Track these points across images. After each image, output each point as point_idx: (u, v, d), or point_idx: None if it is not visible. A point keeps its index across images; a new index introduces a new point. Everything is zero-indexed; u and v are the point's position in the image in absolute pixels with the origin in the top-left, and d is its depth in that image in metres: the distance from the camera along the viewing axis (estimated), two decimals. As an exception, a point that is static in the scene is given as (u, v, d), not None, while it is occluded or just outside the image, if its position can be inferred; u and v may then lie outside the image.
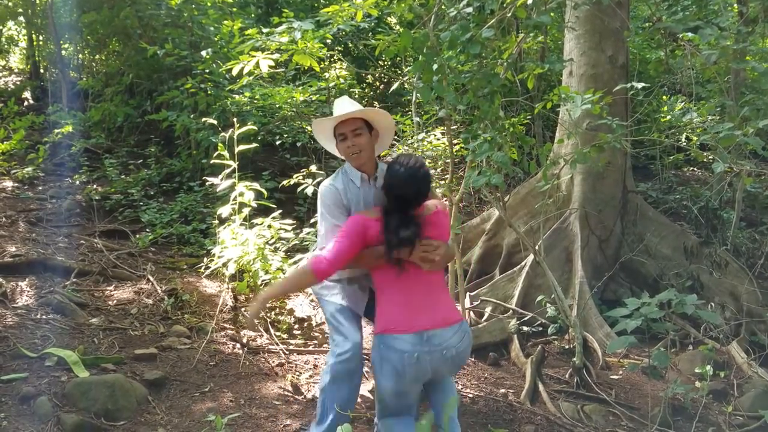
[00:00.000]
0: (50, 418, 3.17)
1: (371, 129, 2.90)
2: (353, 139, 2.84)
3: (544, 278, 5.06)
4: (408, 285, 2.67)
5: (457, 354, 2.66)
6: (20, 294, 4.55)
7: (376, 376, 2.74)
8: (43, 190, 7.22)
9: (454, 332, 2.65)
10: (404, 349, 2.60)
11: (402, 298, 2.67)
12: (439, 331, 2.62)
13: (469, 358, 2.82)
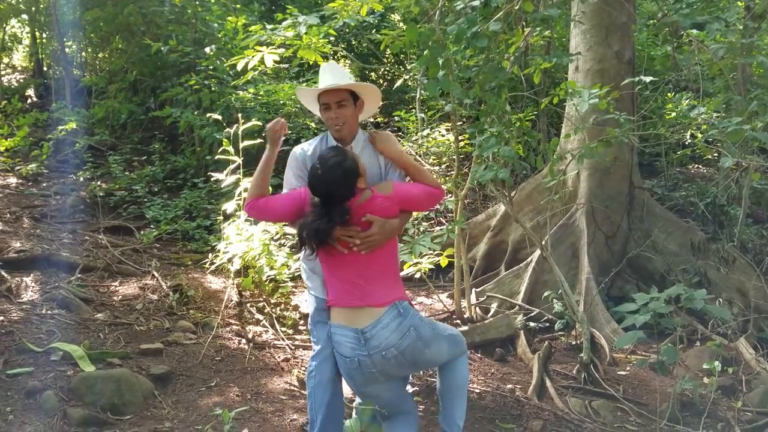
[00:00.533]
0: (56, 412, 3.16)
1: (356, 99, 2.80)
2: (337, 111, 2.75)
3: (551, 274, 5.04)
4: (342, 265, 2.65)
5: (400, 353, 2.59)
6: (25, 289, 4.54)
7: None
8: (47, 187, 7.21)
9: (391, 330, 2.58)
10: (345, 354, 2.64)
11: (336, 279, 2.68)
12: (376, 332, 2.58)
13: (426, 353, 2.68)
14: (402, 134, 7.16)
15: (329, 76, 2.80)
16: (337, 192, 2.56)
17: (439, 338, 2.75)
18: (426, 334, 2.66)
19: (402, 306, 2.64)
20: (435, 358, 2.78)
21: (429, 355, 2.71)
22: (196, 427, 3.17)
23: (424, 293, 5.59)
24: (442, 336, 2.77)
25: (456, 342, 2.85)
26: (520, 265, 5.21)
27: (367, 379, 2.67)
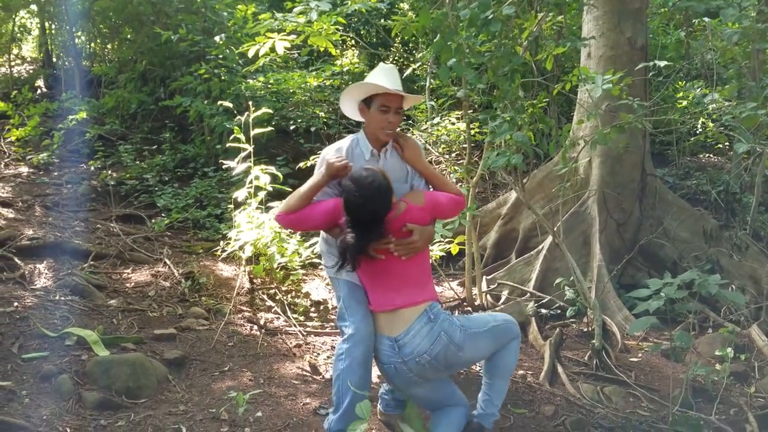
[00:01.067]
0: (72, 396, 3.18)
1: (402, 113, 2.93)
2: (395, 116, 2.83)
3: (562, 262, 5.03)
4: (381, 273, 2.81)
5: (433, 359, 2.71)
6: (38, 276, 4.57)
7: None
8: (59, 176, 7.24)
9: (422, 337, 2.71)
10: (383, 361, 2.83)
11: (377, 287, 2.84)
12: (408, 339, 2.72)
13: (460, 355, 2.75)
14: (412, 123, 7.14)
15: (393, 80, 2.83)
16: (380, 214, 2.70)
17: (476, 337, 2.81)
18: (458, 338, 2.74)
19: (433, 312, 2.76)
20: (474, 356, 2.90)
21: (465, 356, 2.81)
22: (210, 410, 3.19)
23: (434, 281, 5.59)
24: (479, 334, 2.82)
25: (501, 333, 2.89)
26: (531, 253, 5.20)
27: (408, 383, 2.83)
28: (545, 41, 4.53)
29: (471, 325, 2.82)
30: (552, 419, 3.37)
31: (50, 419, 2.97)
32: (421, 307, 2.76)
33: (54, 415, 3.02)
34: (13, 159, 7.61)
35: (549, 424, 3.33)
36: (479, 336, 2.82)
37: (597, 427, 3.32)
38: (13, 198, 6.21)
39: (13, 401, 3.06)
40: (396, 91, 2.78)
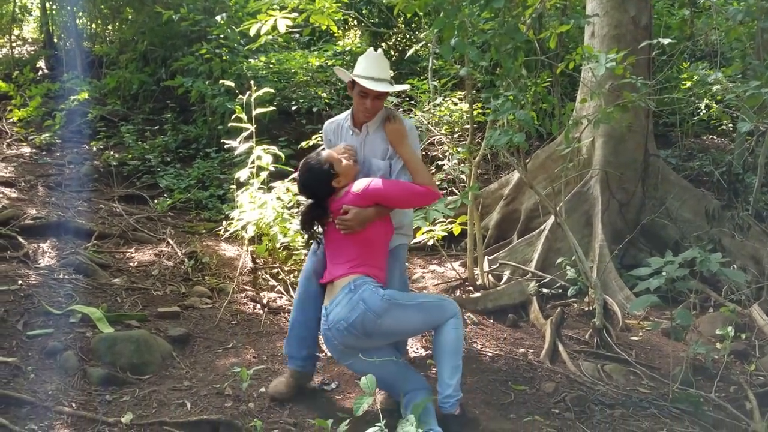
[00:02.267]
0: (77, 372, 3.21)
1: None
2: (373, 101, 3.01)
3: (564, 242, 5.04)
4: (328, 247, 3.11)
5: (350, 325, 2.84)
6: (42, 255, 4.59)
7: None
8: (61, 156, 7.24)
9: (342, 306, 2.88)
10: (321, 330, 3.06)
11: (327, 257, 3.13)
12: (332, 308, 2.92)
13: (379, 323, 2.84)
14: (414, 103, 7.11)
15: (376, 69, 3.01)
16: (316, 195, 3.06)
17: (399, 307, 2.89)
18: (377, 306, 2.83)
19: (356, 283, 2.90)
20: (397, 327, 2.93)
21: (385, 325, 2.86)
22: (215, 386, 3.22)
23: (436, 261, 5.61)
24: (403, 305, 2.91)
25: (432, 309, 2.97)
26: (533, 233, 5.21)
27: (337, 352, 3.00)
28: (549, 19, 4.50)
29: (397, 297, 2.92)
30: (552, 396, 3.39)
31: (56, 394, 3.00)
32: (349, 278, 2.92)
33: (59, 390, 3.05)
34: (16, 139, 7.61)
35: (549, 400, 3.35)
36: (403, 308, 2.91)
37: (597, 403, 3.35)
38: (16, 178, 6.22)
39: (19, 377, 3.09)
40: (368, 87, 2.94)
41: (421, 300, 3.04)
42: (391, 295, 2.91)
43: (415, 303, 2.97)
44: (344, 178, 3.03)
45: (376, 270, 3.01)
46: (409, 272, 5.29)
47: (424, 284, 5.03)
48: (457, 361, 2.97)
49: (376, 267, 3.01)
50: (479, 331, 4.24)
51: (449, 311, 2.98)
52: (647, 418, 3.25)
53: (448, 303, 3.03)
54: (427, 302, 3.02)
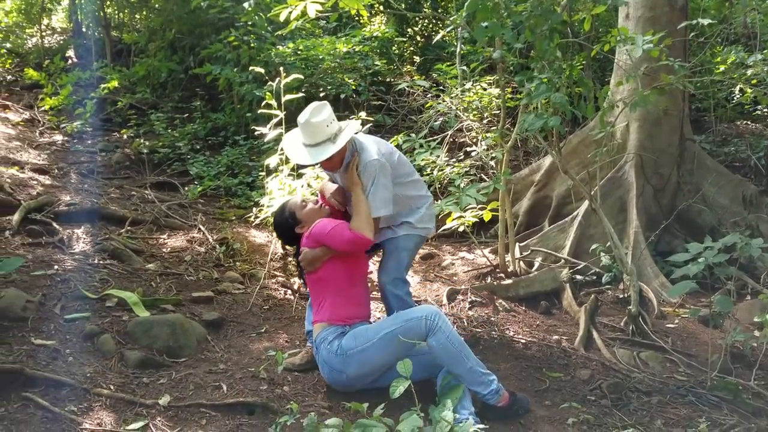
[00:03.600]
0: (114, 355, 3.25)
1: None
2: (323, 164, 3.22)
3: (597, 228, 4.97)
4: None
5: (331, 383, 3.09)
6: (77, 240, 4.65)
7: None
8: (92, 144, 7.34)
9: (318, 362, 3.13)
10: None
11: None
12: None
13: (344, 376, 3.00)
14: (442, 89, 7.04)
15: (308, 136, 3.12)
16: (285, 241, 3.38)
17: (359, 353, 2.92)
18: (334, 363, 2.97)
19: (317, 339, 3.07)
20: (371, 368, 2.97)
21: (354, 373, 2.96)
22: (249, 369, 3.24)
23: (465, 248, 5.58)
24: (364, 348, 2.93)
25: (404, 333, 2.86)
26: (566, 219, 5.14)
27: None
28: (583, 1, 4.41)
29: (351, 345, 2.96)
30: (588, 383, 3.35)
31: (94, 377, 3.05)
32: (316, 330, 3.11)
33: (97, 372, 3.09)
34: (48, 127, 7.72)
35: (584, 387, 3.31)
36: (362, 351, 2.93)
37: (633, 390, 3.30)
38: (49, 165, 6.31)
39: (58, 359, 3.14)
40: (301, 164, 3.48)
41: (384, 332, 2.92)
42: (344, 346, 2.96)
43: (377, 339, 2.92)
44: (307, 224, 3.16)
45: (343, 309, 3.10)
46: (438, 259, 5.27)
47: (454, 270, 5.01)
48: (463, 363, 2.87)
49: (341, 307, 3.10)
50: (511, 318, 4.20)
51: (421, 327, 2.86)
52: (685, 405, 3.20)
53: (416, 320, 2.88)
54: (390, 332, 2.90)
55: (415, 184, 3.46)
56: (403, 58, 9.39)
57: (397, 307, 3.31)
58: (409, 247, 3.43)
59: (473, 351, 2.96)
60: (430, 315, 2.87)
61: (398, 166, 3.33)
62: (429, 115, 6.76)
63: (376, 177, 3.13)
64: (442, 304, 4.27)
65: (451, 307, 4.25)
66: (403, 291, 3.37)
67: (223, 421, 2.82)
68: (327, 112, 3.13)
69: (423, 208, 3.46)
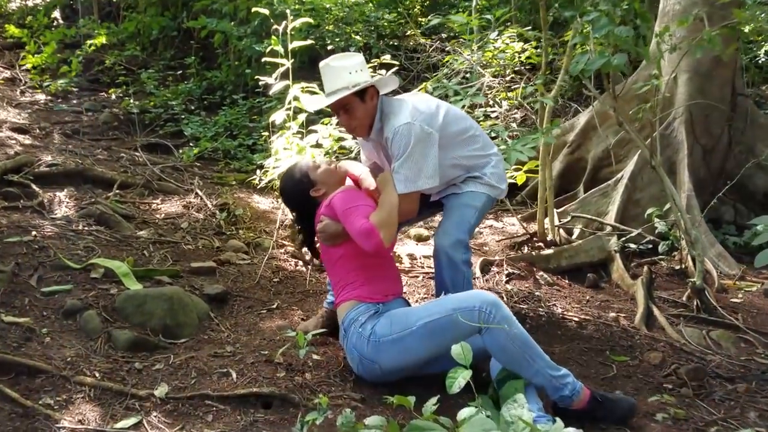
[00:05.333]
0: (100, 334, 2.72)
1: (365, 92, 2.62)
2: (343, 117, 2.69)
3: (644, 192, 4.45)
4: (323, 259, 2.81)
5: (359, 372, 2.58)
6: (59, 204, 4.10)
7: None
8: (78, 104, 6.73)
9: (346, 350, 2.62)
10: None
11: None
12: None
13: (377, 368, 2.49)
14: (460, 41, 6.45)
15: (327, 81, 2.65)
16: (295, 207, 2.82)
17: (395, 343, 2.42)
18: (366, 352, 2.47)
19: (346, 320, 2.56)
20: (408, 361, 2.45)
21: (389, 365, 2.46)
22: (262, 352, 2.72)
23: (492, 216, 5.05)
24: (401, 338, 2.41)
25: (447, 327, 2.35)
26: (609, 183, 4.60)
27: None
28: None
29: (386, 333, 2.44)
30: (659, 368, 2.86)
31: (75, 361, 2.52)
32: (343, 310, 2.60)
33: (79, 356, 2.57)
34: (30, 87, 7.09)
35: (657, 373, 2.82)
36: (398, 342, 2.42)
37: (714, 376, 2.81)
38: (30, 124, 5.71)
39: (32, 340, 2.61)
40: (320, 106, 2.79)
41: (426, 319, 2.39)
42: (378, 332, 2.45)
43: (417, 327, 2.39)
44: (324, 186, 2.68)
45: (373, 284, 2.60)
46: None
47: (484, 239, 4.48)
48: (528, 365, 2.31)
49: (370, 282, 2.60)
50: (556, 292, 3.69)
51: (473, 319, 2.31)
52: (776, 393, 2.71)
53: (467, 311, 2.33)
54: (433, 321, 2.37)
55: (473, 140, 2.88)
56: (411, 15, 8.77)
57: (449, 277, 2.76)
58: (476, 204, 2.85)
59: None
60: (486, 305, 2.31)
61: (448, 125, 2.75)
62: (444, 73, 6.19)
63: (409, 144, 2.58)
64: (476, 277, 3.75)
65: (486, 281, 3.74)
66: (462, 257, 2.76)
67: (234, 416, 2.31)
68: (355, 60, 2.65)
69: (488, 167, 2.91)
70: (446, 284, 2.77)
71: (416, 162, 2.59)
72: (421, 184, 2.62)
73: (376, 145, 2.82)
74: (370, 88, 2.64)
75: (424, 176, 2.61)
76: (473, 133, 2.88)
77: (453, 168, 2.84)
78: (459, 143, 2.82)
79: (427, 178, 2.63)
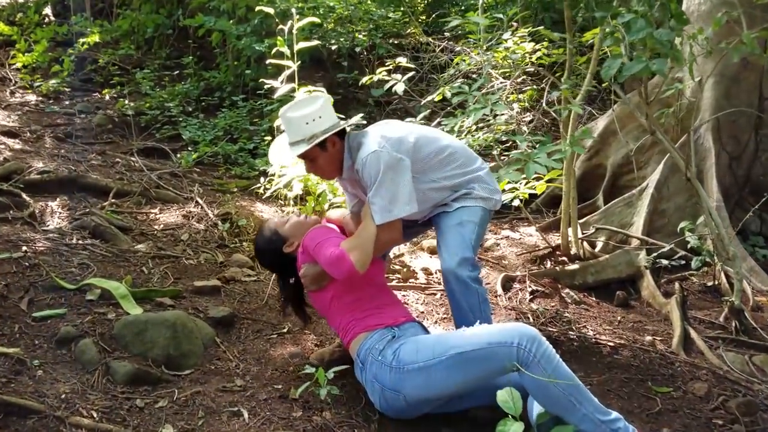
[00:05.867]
0: (97, 366, 2.47)
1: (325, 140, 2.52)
2: (308, 165, 2.65)
3: (670, 202, 4.24)
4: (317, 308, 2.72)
5: (381, 408, 2.37)
6: (51, 215, 3.85)
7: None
8: (70, 105, 6.45)
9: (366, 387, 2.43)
10: None
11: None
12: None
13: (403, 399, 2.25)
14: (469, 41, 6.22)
15: (287, 132, 2.59)
16: (273, 267, 2.82)
17: (421, 372, 2.19)
18: (388, 382, 2.26)
19: (361, 353, 2.37)
20: (437, 392, 2.21)
21: (415, 397, 2.23)
22: (275, 386, 2.48)
23: (507, 226, 4.81)
24: (427, 367, 2.19)
25: (480, 360, 2.12)
26: (633, 192, 4.37)
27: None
28: None
29: (411, 360, 2.22)
30: (706, 400, 2.64)
31: (70, 398, 2.27)
32: (354, 348, 2.41)
33: (75, 392, 2.32)
34: (20, 87, 6.80)
35: (704, 406, 2.59)
36: (425, 370, 2.19)
37: (765, 410, 2.59)
38: (20, 128, 5.44)
39: (22, 374, 2.36)
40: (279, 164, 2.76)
41: (457, 350, 2.15)
42: (402, 359, 2.24)
43: (446, 357, 2.16)
44: (295, 239, 2.59)
45: (380, 314, 2.44)
46: (479, 238, 4.49)
47: (501, 252, 4.25)
48: (574, 410, 2.05)
49: (376, 312, 2.44)
50: (584, 312, 3.46)
51: (510, 357, 2.07)
52: (835, 430, 2.50)
53: (503, 347, 2.08)
54: (464, 353, 2.13)
55: (451, 158, 2.70)
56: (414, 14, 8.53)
57: (463, 299, 2.54)
58: (473, 219, 2.65)
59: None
60: (525, 341, 2.06)
61: (420, 149, 2.61)
62: (450, 74, 5.96)
63: (379, 172, 2.45)
64: (497, 295, 3.52)
65: (508, 299, 3.51)
66: (470, 275, 2.54)
67: (247, 465, 2.07)
68: (314, 106, 2.53)
69: (476, 183, 2.72)
70: (462, 307, 2.57)
71: (388, 189, 2.47)
72: (398, 212, 2.48)
73: (352, 182, 2.70)
74: (326, 142, 2.54)
75: (400, 203, 2.48)
76: (450, 152, 2.70)
77: (437, 191, 2.68)
78: (436, 165, 2.66)
79: (404, 204, 2.49)
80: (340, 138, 2.59)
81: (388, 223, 2.46)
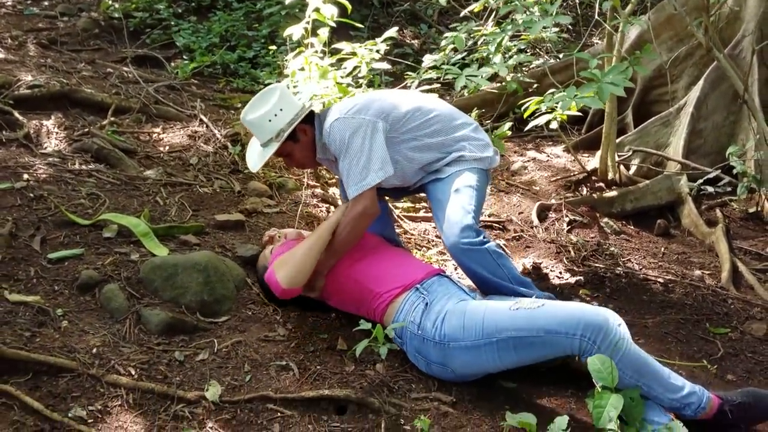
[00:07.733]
0: (127, 315, 2.29)
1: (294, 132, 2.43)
2: (285, 162, 2.66)
3: (707, 122, 4.02)
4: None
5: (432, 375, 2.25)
6: (47, 136, 3.52)
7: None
8: (51, 6, 5.91)
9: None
10: None
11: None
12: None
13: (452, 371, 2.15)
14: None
15: (255, 134, 2.51)
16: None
17: (468, 351, 2.05)
18: (433, 357, 2.12)
19: (396, 331, 2.20)
20: (486, 368, 2.09)
21: (465, 371, 2.11)
22: (321, 335, 2.32)
23: (532, 146, 4.57)
24: (477, 347, 2.04)
25: (544, 345, 1.97)
26: (670, 110, 4.13)
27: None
28: None
29: (457, 337, 2.07)
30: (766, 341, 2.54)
31: (103, 353, 2.10)
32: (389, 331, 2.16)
33: (107, 345, 2.14)
34: (-9, -15, 6.19)
35: (765, 349, 2.50)
36: (474, 351, 2.05)
37: (825, 349, 2.51)
38: (0, 33, 4.96)
39: (47, 326, 2.17)
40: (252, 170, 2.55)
41: (510, 333, 1.99)
42: (447, 334, 2.09)
43: (497, 340, 2.01)
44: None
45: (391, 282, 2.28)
46: (504, 160, 4.26)
47: (530, 177, 4.03)
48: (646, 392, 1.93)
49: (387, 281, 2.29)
50: (625, 243, 3.31)
51: (572, 348, 1.93)
52: None
53: (565, 338, 1.93)
54: (519, 338, 1.99)
55: (428, 115, 2.52)
56: None
57: (481, 269, 2.36)
58: (469, 183, 2.45)
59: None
60: (590, 332, 1.90)
61: (394, 107, 2.47)
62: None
63: (345, 139, 2.35)
64: (534, 226, 3.35)
65: (545, 230, 3.34)
66: (475, 240, 2.33)
67: (304, 425, 1.94)
68: (271, 102, 2.40)
69: (465, 142, 2.53)
70: (480, 274, 2.38)
71: (356, 155, 2.34)
72: (371, 179, 2.32)
73: (329, 163, 2.61)
74: (295, 134, 2.45)
75: (373, 169, 2.33)
76: (429, 108, 2.55)
77: (421, 151, 2.50)
78: (416, 122, 2.50)
79: (377, 170, 2.33)
80: (311, 124, 2.48)
81: (363, 193, 2.32)
